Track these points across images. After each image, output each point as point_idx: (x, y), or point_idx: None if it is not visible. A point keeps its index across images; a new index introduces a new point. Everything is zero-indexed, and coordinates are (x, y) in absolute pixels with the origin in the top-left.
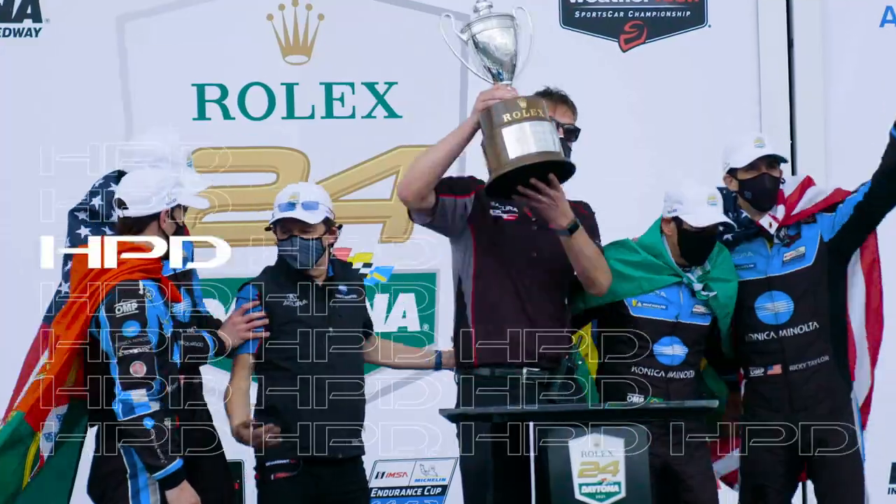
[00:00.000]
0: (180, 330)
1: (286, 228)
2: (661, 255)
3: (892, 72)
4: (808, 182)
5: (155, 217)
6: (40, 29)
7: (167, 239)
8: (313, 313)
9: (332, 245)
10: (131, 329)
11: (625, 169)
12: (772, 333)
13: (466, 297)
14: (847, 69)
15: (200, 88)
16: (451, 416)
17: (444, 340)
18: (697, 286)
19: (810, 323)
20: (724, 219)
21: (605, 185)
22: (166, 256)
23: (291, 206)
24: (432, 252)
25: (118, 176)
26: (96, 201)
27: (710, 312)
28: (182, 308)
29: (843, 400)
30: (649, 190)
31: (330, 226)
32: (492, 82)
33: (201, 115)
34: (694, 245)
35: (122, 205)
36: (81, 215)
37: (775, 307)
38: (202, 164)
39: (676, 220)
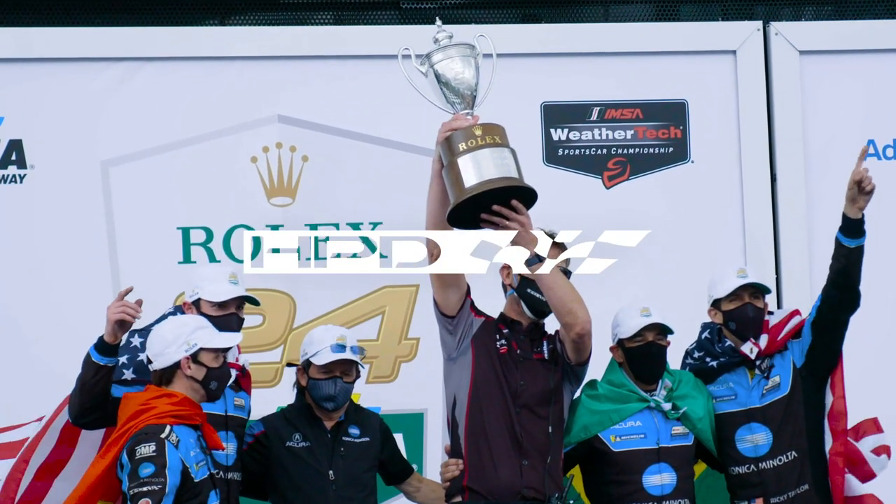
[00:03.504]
0: (221, 474)
1: (328, 370)
2: (624, 384)
3: (875, 204)
4: (794, 313)
5: (178, 366)
6: (25, 175)
7: (201, 384)
8: (317, 454)
9: None
10: (146, 470)
11: (611, 305)
12: (752, 466)
13: (459, 422)
14: (830, 202)
15: (185, 232)
16: None
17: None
18: (666, 405)
19: (789, 453)
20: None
21: (593, 329)
22: (209, 399)
23: (342, 347)
24: (419, 393)
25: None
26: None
27: (689, 431)
28: (226, 452)
29: None
30: None
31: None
32: (453, 113)
33: (187, 258)
34: (640, 360)
35: (149, 360)
36: (135, 340)
37: (754, 439)
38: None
39: (619, 342)
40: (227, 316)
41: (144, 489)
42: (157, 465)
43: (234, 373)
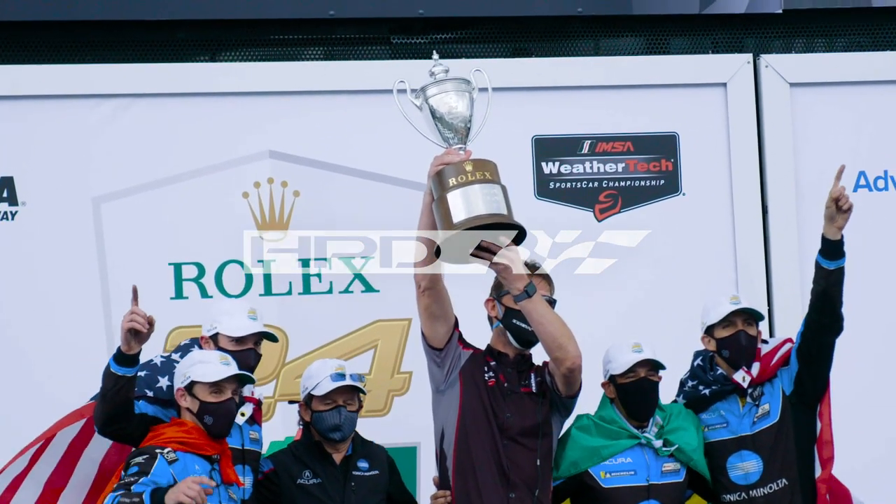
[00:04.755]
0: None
1: (330, 400)
2: (614, 420)
3: (866, 235)
4: (786, 342)
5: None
6: (16, 212)
7: (196, 416)
8: (329, 491)
9: None
10: (132, 470)
11: (602, 339)
12: (743, 494)
13: (448, 454)
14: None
15: (177, 267)
16: None
17: None
18: (657, 443)
19: (779, 481)
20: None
21: (585, 359)
22: (212, 434)
23: (341, 376)
24: (412, 426)
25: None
26: (175, 356)
27: (681, 467)
28: (243, 487)
29: None
30: None
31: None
32: (446, 147)
33: (178, 294)
34: (633, 396)
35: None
36: (156, 359)
37: (745, 467)
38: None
39: (611, 378)
40: (245, 351)
41: (121, 482)
42: (141, 470)
43: (251, 406)
